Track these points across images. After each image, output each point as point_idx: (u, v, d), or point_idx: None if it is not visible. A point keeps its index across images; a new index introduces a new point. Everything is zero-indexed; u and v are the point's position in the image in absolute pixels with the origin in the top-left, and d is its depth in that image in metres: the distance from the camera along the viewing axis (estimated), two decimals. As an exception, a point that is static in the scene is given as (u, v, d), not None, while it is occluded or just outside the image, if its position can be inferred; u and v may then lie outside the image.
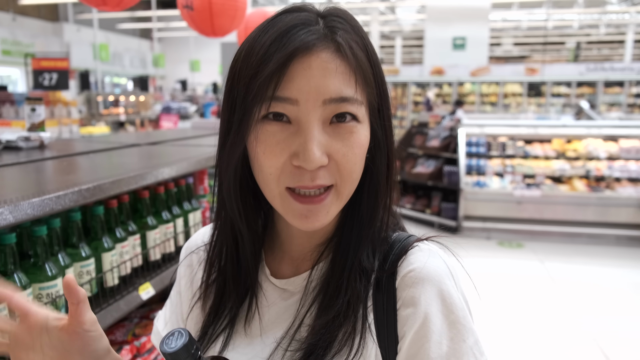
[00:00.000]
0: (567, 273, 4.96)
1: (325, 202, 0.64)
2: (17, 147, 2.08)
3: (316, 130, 0.61)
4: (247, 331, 0.73)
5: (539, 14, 16.05)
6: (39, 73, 8.21)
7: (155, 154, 2.08)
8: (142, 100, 9.45)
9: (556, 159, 6.29)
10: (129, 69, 17.83)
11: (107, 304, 1.36)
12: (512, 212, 6.01)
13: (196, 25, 2.36)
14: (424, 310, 0.64)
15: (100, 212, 1.41)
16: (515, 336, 3.66)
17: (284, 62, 0.60)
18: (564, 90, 12.46)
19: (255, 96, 0.61)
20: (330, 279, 0.69)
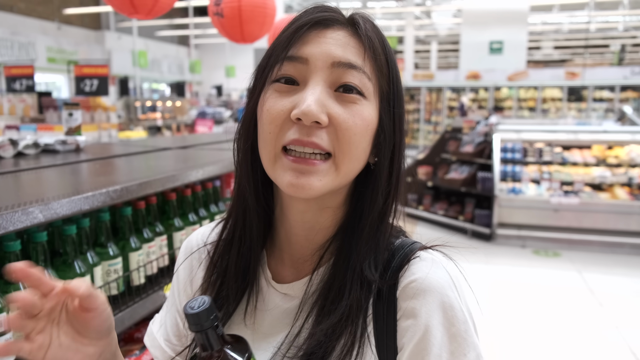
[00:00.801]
0: (607, 284, 4.78)
1: (318, 166, 0.62)
2: (54, 150, 2.17)
3: (320, 87, 0.62)
4: (242, 331, 0.72)
5: (581, 17, 15.60)
6: (80, 79, 8.54)
7: (185, 158, 2.13)
8: (178, 105, 9.68)
9: (596, 165, 6.09)
10: (167, 75, 18.28)
11: (133, 302, 1.40)
12: (548, 220, 5.84)
13: (226, 31, 2.41)
14: (425, 322, 0.62)
15: (128, 212, 1.45)
16: (549, 350, 3.55)
17: (300, 27, 0.65)
18: (606, 94, 12.05)
19: (271, 58, 0.66)
20: (331, 284, 0.67)
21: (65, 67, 12.15)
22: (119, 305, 1.37)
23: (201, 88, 18.63)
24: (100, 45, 15.59)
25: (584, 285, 4.74)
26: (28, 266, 0.58)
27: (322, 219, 0.71)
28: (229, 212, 0.77)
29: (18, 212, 1.02)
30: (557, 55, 23.46)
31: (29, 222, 1.06)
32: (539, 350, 3.51)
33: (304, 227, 0.71)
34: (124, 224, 1.45)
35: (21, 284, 1.16)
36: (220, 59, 17.52)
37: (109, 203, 1.27)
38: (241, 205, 0.73)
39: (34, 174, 1.56)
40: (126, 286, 1.44)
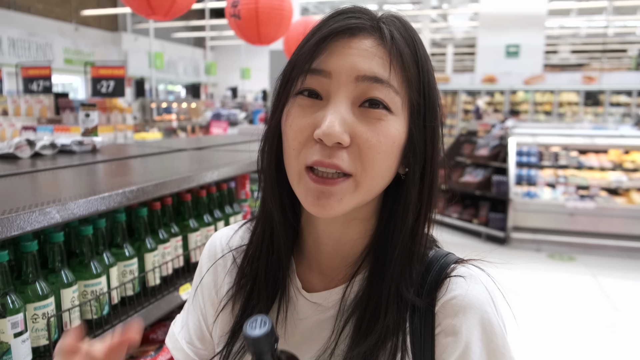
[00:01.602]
0: (623, 289, 4.71)
1: (338, 186, 0.61)
2: (71, 151, 2.19)
3: (343, 105, 0.60)
4: (283, 339, 0.71)
5: (599, 21, 15.42)
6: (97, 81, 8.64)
7: (200, 159, 2.14)
8: (193, 107, 9.75)
9: (612, 170, 6.00)
10: (183, 76, 18.44)
11: (148, 302, 1.41)
12: (563, 224, 5.77)
13: (243, 33, 2.42)
14: (465, 339, 0.62)
15: (144, 213, 1.46)
16: (563, 355, 3.50)
17: (324, 38, 0.62)
18: (624, 99, 11.87)
19: (294, 69, 0.63)
20: (366, 303, 0.67)
21: (81, 68, 12.30)
22: (135, 306, 1.38)
23: (216, 90, 18.74)
24: (117, 46, 15.78)
25: (599, 290, 4.67)
26: None
27: (350, 230, 0.70)
28: (257, 221, 0.76)
29: (35, 212, 1.04)
30: (574, 60, 23.19)
31: (46, 222, 1.07)
32: (553, 355, 3.46)
33: (331, 237, 0.71)
34: (140, 225, 1.46)
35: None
36: (235, 61, 17.63)
37: (125, 204, 1.28)
38: (268, 216, 0.73)
39: (50, 175, 1.57)
40: (141, 287, 1.45)
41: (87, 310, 1.23)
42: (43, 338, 1.11)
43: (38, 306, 1.10)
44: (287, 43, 3.36)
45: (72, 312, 1.18)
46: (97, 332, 1.23)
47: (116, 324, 1.28)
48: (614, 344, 3.65)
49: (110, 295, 1.31)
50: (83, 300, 1.22)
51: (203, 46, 20.18)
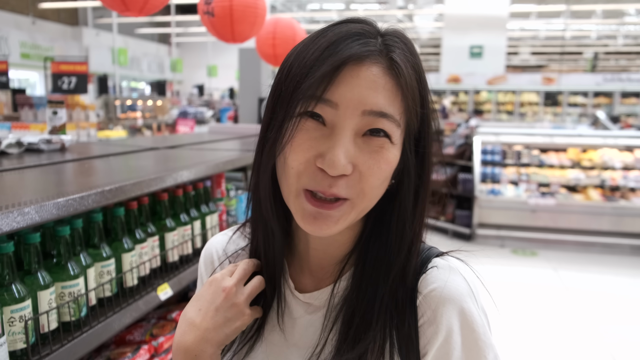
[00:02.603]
0: (581, 282, 4.91)
1: (335, 210, 0.63)
2: (38, 150, 2.13)
3: (348, 137, 0.61)
4: (274, 341, 0.75)
5: (557, 24, 15.95)
6: (58, 77, 8.36)
7: (174, 158, 2.12)
8: (159, 104, 9.57)
9: (571, 168, 6.24)
10: (147, 73, 18.06)
11: (126, 303, 1.39)
12: (526, 221, 5.97)
13: (216, 31, 2.40)
14: (446, 329, 0.65)
15: (121, 213, 1.44)
16: (528, 345, 3.63)
17: (336, 66, 0.61)
18: (580, 100, 12.34)
19: (302, 94, 0.62)
20: (355, 297, 0.69)
21: (39, 63, 11.89)
22: (113, 307, 1.36)
23: (182, 87, 18.46)
24: (77, 41, 15.32)
25: (560, 283, 4.86)
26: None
27: (340, 236, 0.72)
28: (252, 228, 0.78)
29: (14, 212, 1.01)
30: (534, 61, 23.93)
31: (24, 222, 1.04)
32: (517, 345, 3.58)
33: (321, 242, 0.73)
34: (117, 225, 1.44)
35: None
36: (201, 58, 17.40)
37: (104, 203, 1.26)
38: (261, 221, 0.74)
39: (18, 174, 1.53)
40: (119, 287, 1.43)
41: (65, 312, 1.21)
42: (20, 342, 1.09)
43: (15, 309, 1.07)
44: (259, 41, 3.36)
45: (50, 314, 1.15)
46: (76, 334, 1.21)
47: (95, 325, 1.26)
48: (574, 333, 3.81)
49: (88, 297, 1.29)
50: (61, 302, 1.20)
51: (168, 42, 19.82)
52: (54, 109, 2.34)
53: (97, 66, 14.58)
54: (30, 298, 1.11)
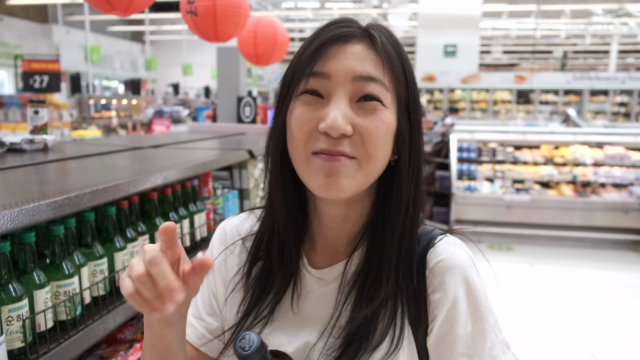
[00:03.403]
0: (555, 275, 5.07)
1: (344, 164, 0.69)
2: (21, 150, 2.10)
3: (343, 102, 0.69)
4: (288, 315, 0.79)
5: (528, 23, 16.31)
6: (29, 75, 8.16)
7: (160, 157, 2.12)
8: (134, 103, 9.44)
9: (544, 164, 6.42)
10: (120, 72, 17.76)
11: (120, 301, 1.40)
12: (502, 216, 6.11)
13: (199, 30, 2.40)
14: (453, 295, 0.73)
15: (113, 212, 1.44)
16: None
17: (321, 44, 0.70)
18: (551, 98, 12.67)
19: (296, 73, 0.71)
20: (367, 272, 0.75)
21: (8, 61, 11.58)
22: (107, 305, 1.36)
23: (157, 86, 18.21)
24: (47, 39, 14.96)
25: (535, 276, 5.00)
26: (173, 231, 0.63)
27: (351, 212, 0.78)
28: (266, 212, 0.83)
29: (14, 211, 1.01)
30: (506, 60, 24.40)
31: (20, 222, 1.05)
32: (496, 340, 3.68)
33: (334, 220, 0.79)
34: (109, 224, 1.44)
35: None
36: (176, 57, 17.21)
37: (97, 202, 1.27)
38: (272, 209, 0.80)
39: (2, 175, 1.51)
40: (112, 286, 1.43)
41: (60, 311, 1.21)
42: (18, 341, 1.09)
43: (12, 308, 1.08)
44: (240, 41, 3.36)
45: (46, 313, 1.16)
46: (72, 332, 1.21)
47: (90, 324, 1.26)
48: (549, 324, 3.93)
49: (83, 296, 1.30)
50: (56, 301, 1.20)
51: (141, 40, 19.53)
52: (35, 109, 2.30)
53: (68, 64, 14.27)
54: (27, 297, 1.11)
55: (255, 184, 2.55)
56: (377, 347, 0.71)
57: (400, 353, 0.72)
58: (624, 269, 5.30)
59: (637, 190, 5.96)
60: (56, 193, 1.16)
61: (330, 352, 0.72)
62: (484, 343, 0.73)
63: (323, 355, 0.73)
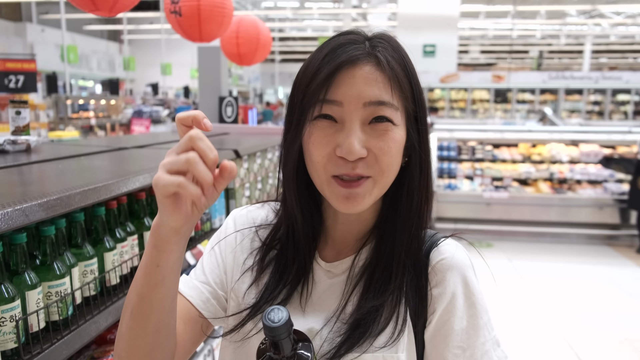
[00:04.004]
0: (534, 270, 5.18)
1: (362, 186, 0.75)
2: (3, 150, 2.08)
3: (357, 127, 0.73)
4: (295, 303, 0.84)
5: (505, 24, 16.57)
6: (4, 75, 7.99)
7: (147, 157, 2.12)
8: (112, 104, 9.32)
9: (522, 162, 6.55)
10: (97, 71, 17.49)
11: (111, 301, 1.40)
12: (481, 214, 6.22)
13: (183, 30, 2.40)
14: (452, 291, 0.79)
15: (102, 212, 1.44)
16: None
17: (332, 71, 0.73)
18: (528, 97, 12.92)
19: (309, 99, 0.75)
20: (375, 266, 0.81)
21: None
22: (98, 305, 1.37)
23: (135, 86, 17.98)
24: (20, 37, 14.64)
25: (515, 272, 5.11)
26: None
27: (364, 213, 0.83)
28: (280, 220, 0.89)
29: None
30: (483, 59, 24.74)
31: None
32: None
33: (347, 220, 0.85)
34: (98, 224, 1.44)
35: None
36: (154, 56, 17.00)
37: (90, 202, 1.27)
38: (290, 220, 0.86)
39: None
40: (102, 286, 1.43)
41: (52, 312, 1.21)
42: (11, 341, 1.09)
43: (5, 309, 1.07)
44: (223, 41, 3.36)
45: (39, 314, 1.16)
46: (64, 332, 1.21)
47: (82, 324, 1.27)
48: (529, 318, 4.02)
49: (74, 296, 1.30)
50: (48, 302, 1.20)
51: (118, 40, 19.26)
52: (17, 109, 2.27)
53: (43, 64, 14.00)
54: (19, 298, 1.11)
55: (241, 183, 2.56)
56: (380, 334, 0.76)
57: (401, 341, 0.77)
58: (599, 263, 5.45)
59: (612, 186, 6.13)
60: (48, 193, 1.16)
61: (335, 337, 0.77)
62: (477, 338, 0.78)
63: (327, 340, 0.77)
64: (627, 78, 12.93)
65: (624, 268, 5.28)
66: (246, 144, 2.69)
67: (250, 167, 2.71)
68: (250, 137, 3.34)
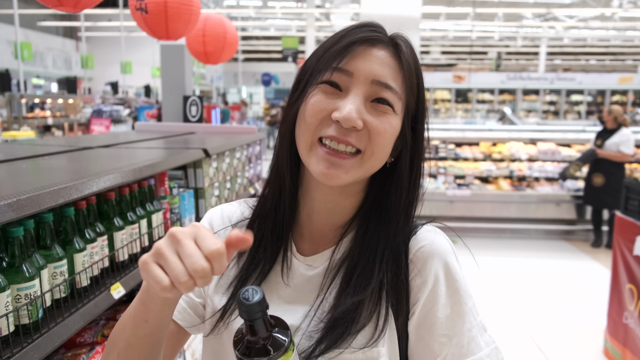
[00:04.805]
0: (495, 265, 5.34)
1: (347, 161, 0.74)
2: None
3: (359, 98, 0.74)
4: (273, 298, 0.81)
5: (465, 25, 16.96)
6: (-47, 73, 7.63)
7: (114, 156, 2.07)
8: (70, 103, 9.03)
9: (483, 160, 6.73)
10: (52, 69, 16.90)
11: (82, 303, 1.37)
12: (445, 211, 6.36)
13: (149, 28, 2.36)
14: (433, 279, 0.77)
15: (71, 213, 1.41)
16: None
17: (351, 43, 0.75)
18: (487, 97, 13.28)
19: (322, 65, 0.76)
20: (357, 260, 0.79)
21: None
22: (69, 308, 1.33)
23: (93, 84, 17.46)
24: (-32, 34, 14.00)
25: (476, 267, 5.24)
26: None
27: (342, 201, 0.82)
28: (265, 190, 0.86)
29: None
30: (444, 60, 25.25)
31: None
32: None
33: (325, 207, 0.83)
34: (67, 225, 1.41)
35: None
36: (114, 54, 16.56)
37: (59, 202, 1.24)
38: (278, 182, 0.83)
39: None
40: (72, 288, 1.40)
41: (22, 315, 1.18)
42: (-20, 346, 1.05)
43: (-27, 313, 1.04)
44: (189, 39, 3.32)
45: (8, 317, 1.12)
46: (35, 336, 1.18)
47: (52, 327, 1.23)
48: (490, 310, 4.14)
49: (44, 298, 1.26)
50: (18, 305, 1.17)
51: (75, 37, 18.66)
52: (-26, 108, 2.19)
53: (-7, 61, 13.43)
54: (-13, 302, 1.07)
55: (210, 183, 2.54)
56: (360, 332, 0.74)
57: (382, 338, 0.74)
58: (557, 257, 5.66)
59: (567, 183, 6.38)
60: (18, 193, 1.13)
61: (314, 334, 0.74)
62: (462, 324, 0.76)
63: (305, 337, 0.75)
64: (580, 79, 13.49)
65: (579, 262, 5.51)
66: (214, 143, 2.67)
67: (219, 167, 2.69)
68: (217, 136, 3.31)
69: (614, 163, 5.68)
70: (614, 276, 3.28)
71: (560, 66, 25.90)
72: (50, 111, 8.72)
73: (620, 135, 5.67)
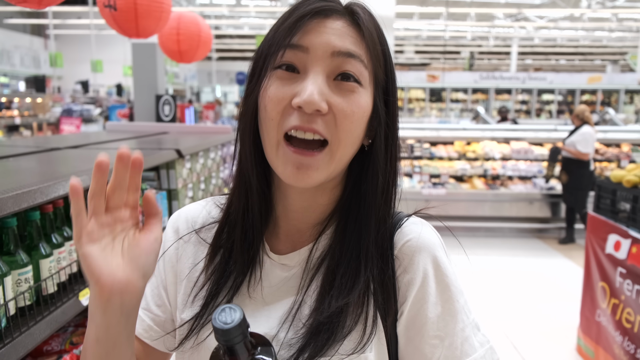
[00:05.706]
0: (469, 264, 5.39)
1: (316, 157, 0.67)
2: None
3: (320, 77, 0.66)
4: (246, 303, 0.75)
5: (438, 25, 17.14)
6: None
7: (83, 157, 2.01)
8: (39, 102, 8.79)
9: (458, 159, 6.80)
10: (20, 68, 16.42)
11: (49, 312, 1.31)
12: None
13: (119, 25, 2.29)
14: (422, 276, 0.71)
15: (37, 217, 1.35)
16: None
17: (301, 16, 0.67)
18: (461, 96, 13.45)
19: (275, 46, 0.67)
20: (339, 257, 0.72)
21: None
22: (34, 316, 1.28)
23: (63, 83, 17.04)
24: None
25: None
26: None
27: (319, 197, 0.75)
28: (231, 195, 0.78)
29: None
30: (418, 59, 25.48)
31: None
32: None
33: (302, 205, 0.75)
34: (33, 229, 1.35)
35: None
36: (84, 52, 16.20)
37: (23, 207, 1.19)
38: (243, 186, 0.75)
39: None
40: (38, 295, 1.34)
41: (-16, 325, 1.12)
42: (-63, 360, 1.00)
43: None
44: (162, 37, 3.25)
45: (-32, 328, 1.07)
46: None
47: (17, 336, 1.18)
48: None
49: (7, 307, 1.21)
50: (-21, 315, 1.11)
51: (43, 35, 18.18)
52: None
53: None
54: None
55: (184, 184, 2.49)
56: (347, 337, 0.67)
57: (370, 342, 0.68)
58: (530, 255, 5.76)
59: (540, 182, 6.50)
60: (-23, 198, 1.07)
61: (294, 342, 0.68)
62: (455, 324, 0.71)
63: (285, 346, 0.68)
64: (551, 79, 13.78)
65: (553, 260, 5.61)
66: (187, 144, 2.62)
67: (193, 167, 2.64)
68: (190, 137, 3.26)
69: (575, 161, 5.79)
70: (587, 274, 3.33)
71: (531, 66, 26.42)
72: (17, 110, 8.47)
73: (579, 133, 5.76)
